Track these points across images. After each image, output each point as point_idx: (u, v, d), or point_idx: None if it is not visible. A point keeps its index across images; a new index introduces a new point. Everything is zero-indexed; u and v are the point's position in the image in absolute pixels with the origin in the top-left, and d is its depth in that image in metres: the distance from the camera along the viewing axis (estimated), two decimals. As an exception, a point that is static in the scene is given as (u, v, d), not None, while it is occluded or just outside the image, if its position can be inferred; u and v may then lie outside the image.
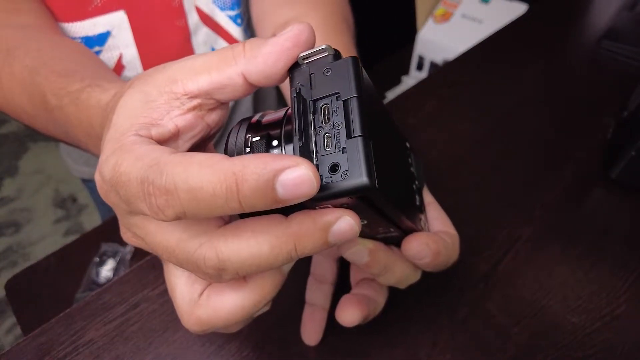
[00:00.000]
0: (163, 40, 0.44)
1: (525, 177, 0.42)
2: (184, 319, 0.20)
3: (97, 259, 0.56)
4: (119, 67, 0.44)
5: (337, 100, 0.17)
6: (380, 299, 0.28)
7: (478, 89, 0.51)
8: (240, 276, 0.18)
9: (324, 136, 0.17)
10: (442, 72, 0.55)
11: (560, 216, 0.38)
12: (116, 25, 0.42)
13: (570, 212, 0.39)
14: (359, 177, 0.15)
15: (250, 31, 0.51)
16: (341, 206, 0.17)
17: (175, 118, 0.19)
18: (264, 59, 0.18)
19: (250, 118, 0.20)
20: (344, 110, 0.17)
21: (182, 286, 0.20)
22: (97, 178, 0.18)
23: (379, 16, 1.13)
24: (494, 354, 0.31)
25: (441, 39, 0.96)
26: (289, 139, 0.18)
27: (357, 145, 0.16)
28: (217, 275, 0.17)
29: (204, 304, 0.19)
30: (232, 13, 0.47)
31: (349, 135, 0.16)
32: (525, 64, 0.53)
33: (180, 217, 0.16)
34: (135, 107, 0.18)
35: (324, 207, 0.17)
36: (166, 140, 0.19)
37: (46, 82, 0.29)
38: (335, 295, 0.31)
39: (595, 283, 0.34)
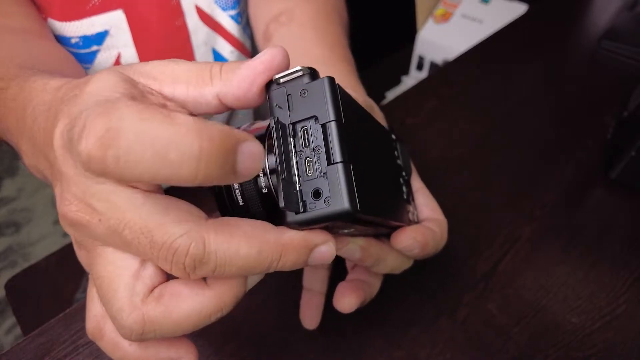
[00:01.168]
0: (162, 40, 0.44)
1: (525, 177, 0.42)
2: (123, 314, 0.17)
3: (97, 259, 0.56)
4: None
5: (315, 122, 0.17)
6: (375, 283, 0.28)
7: (478, 89, 0.51)
8: (214, 275, 0.17)
9: (305, 160, 0.17)
10: (442, 72, 0.55)
11: (560, 216, 0.38)
12: (114, 24, 0.42)
13: (571, 212, 0.39)
14: (341, 204, 0.16)
15: (249, 29, 0.51)
16: (326, 227, 0.18)
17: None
18: (238, 83, 0.18)
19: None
20: (323, 134, 0.17)
21: (128, 277, 0.17)
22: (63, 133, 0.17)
23: (379, 16, 1.13)
24: (494, 354, 0.30)
25: (441, 39, 0.96)
26: (271, 153, 0.19)
27: (337, 172, 0.17)
28: (190, 268, 0.16)
29: (155, 301, 0.17)
30: (233, 12, 0.47)
31: (329, 162, 0.17)
32: (525, 64, 0.53)
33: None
34: (115, 80, 0.17)
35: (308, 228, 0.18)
36: None
37: (3, 69, 0.27)
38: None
39: (595, 283, 0.34)
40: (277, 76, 0.18)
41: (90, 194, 0.17)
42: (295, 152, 0.18)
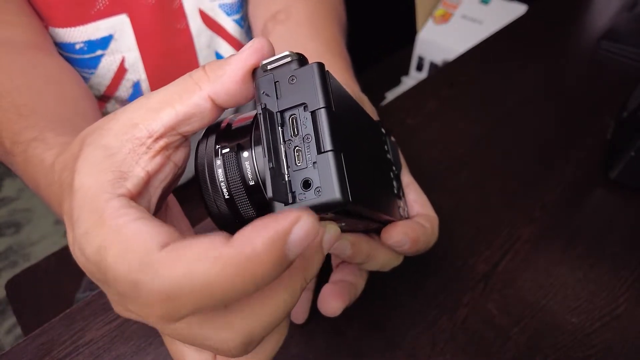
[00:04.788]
0: (165, 44, 0.44)
1: (525, 177, 0.42)
2: None
3: (97, 259, 0.56)
4: (121, 70, 0.44)
5: (304, 110, 0.17)
6: (360, 282, 0.28)
7: (478, 89, 0.51)
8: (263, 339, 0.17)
9: (294, 149, 0.17)
10: (442, 73, 0.55)
11: (560, 216, 0.39)
12: (118, 28, 0.42)
13: (570, 212, 0.39)
14: (332, 194, 0.15)
15: (252, 33, 0.51)
16: (320, 218, 0.17)
17: (145, 164, 0.17)
18: (230, 78, 0.17)
19: (219, 124, 0.20)
20: (313, 122, 0.16)
21: (193, 353, 0.19)
22: (76, 252, 0.17)
23: (379, 17, 1.13)
24: (493, 355, 0.31)
25: (441, 40, 0.96)
26: (258, 144, 0.18)
27: (328, 161, 0.16)
28: (242, 351, 0.16)
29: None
30: (237, 16, 0.47)
31: (319, 150, 0.16)
32: (525, 64, 0.53)
33: (188, 315, 0.15)
34: (99, 162, 0.17)
35: None
36: (142, 191, 0.18)
37: (4, 118, 0.28)
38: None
39: (595, 283, 0.34)
40: (264, 62, 0.17)
41: (121, 301, 0.17)
42: (284, 141, 0.17)
